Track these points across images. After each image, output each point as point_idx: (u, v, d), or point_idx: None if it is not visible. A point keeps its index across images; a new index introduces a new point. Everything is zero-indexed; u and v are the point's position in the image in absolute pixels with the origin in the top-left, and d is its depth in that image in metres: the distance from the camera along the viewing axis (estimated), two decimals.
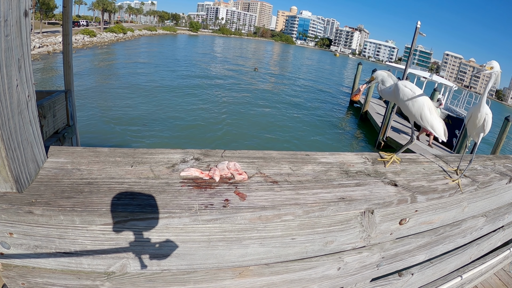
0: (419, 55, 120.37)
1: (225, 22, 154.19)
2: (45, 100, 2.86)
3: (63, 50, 3.31)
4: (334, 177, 1.07)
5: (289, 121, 13.67)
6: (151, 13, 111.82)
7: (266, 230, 0.86)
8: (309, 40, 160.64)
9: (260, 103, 16.09)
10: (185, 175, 0.92)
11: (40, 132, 0.84)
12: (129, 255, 0.79)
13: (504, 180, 1.40)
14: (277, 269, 0.96)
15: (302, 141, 11.40)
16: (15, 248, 0.75)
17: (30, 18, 0.77)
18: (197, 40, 73.67)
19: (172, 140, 9.53)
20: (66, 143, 3.21)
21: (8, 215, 0.70)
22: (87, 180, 0.84)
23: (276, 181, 0.97)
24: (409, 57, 9.98)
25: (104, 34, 42.52)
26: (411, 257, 1.27)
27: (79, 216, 0.71)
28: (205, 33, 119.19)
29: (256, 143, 10.35)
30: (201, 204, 0.79)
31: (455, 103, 14.37)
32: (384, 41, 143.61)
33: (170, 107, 12.95)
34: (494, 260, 1.86)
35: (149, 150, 1.06)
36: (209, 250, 0.84)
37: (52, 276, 0.80)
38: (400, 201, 1.02)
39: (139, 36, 57.88)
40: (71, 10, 3.25)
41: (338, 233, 0.98)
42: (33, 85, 0.81)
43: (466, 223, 1.41)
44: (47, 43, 27.19)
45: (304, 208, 0.86)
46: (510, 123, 9.91)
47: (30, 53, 0.78)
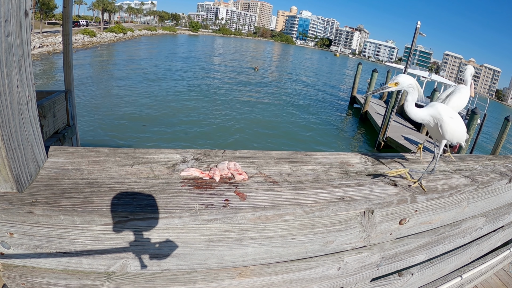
0: (419, 55, 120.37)
1: (225, 22, 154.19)
2: (45, 100, 2.86)
3: (63, 50, 3.30)
4: (334, 177, 1.07)
5: (289, 121, 13.68)
6: (151, 13, 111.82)
7: (266, 230, 0.86)
8: (309, 40, 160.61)
9: (261, 102, 16.10)
10: (185, 175, 0.92)
11: (40, 132, 0.84)
12: (129, 255, 0.79)
13: (504, 180, 1.40)
14: (277, 269, 0.96)
15: (302, 141, 11.40)
16: (15, 248, 0.75)
17: (30, 18, 0.77)
18: (197, 40, 73.68)
19: (172, 140, 9.54)
20: (66, 143, 3.21)
21: (9, 215, 0.70)
22: (88, 180, 0.84)
23: (276, 181, 0.97)
24: (409, 57, 9.99)
25: (104, 34, 42.52)
26: (411, 257, 1.27)
27: (80, 216, 0.71)
28: (205, 33, 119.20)
29: (256, 143, 10.35)
30: (201, 204, 0.79)
31: None
32: (384, 41, 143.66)
33: (170, 107, 12.95)
34: (494, 260, 1.86)
35: (149, 150, 1.06)
36: (209, 250, 0.84)
37: (52, 276, 0.80)
38: (400, 201, 1.02)
39: (139, 36, 57.89)
40: (71, 10, 3.25)
41: (338, 233, 0.98)
42: (33, 85, 0.81)
43: (466, 223, 1.41)
44: (47, 43, 27.19)
45: (304, 208, 0.86)
46: (510, 123, 9.91)
47: (30, 53, 0.79)
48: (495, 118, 27.44)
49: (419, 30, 9.78)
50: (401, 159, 1.38)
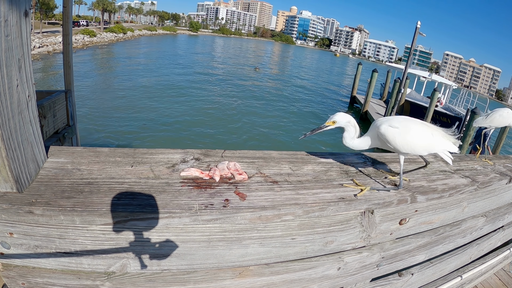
0: (419, 55, 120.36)
1: (225, 22, 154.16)
2: (45, 100, 2.86)
3: (63, 50, 3.30)
4: (334, 177, 1.07)
5: (289, 120, 13.68)
6: (151, 13, 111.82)
7: (266, 230, 0.86)
8: (309, 40, 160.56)
9: (261, 102, 16.10)
10: (185, 175, 0.92)
11: (40, 132, 0.84)
12: (129, 255, 0.79)
13: (504, 180, 1.40)
14: (277, 269, 0.96)
15: (302, 141, 11.39)
16: (15, 248, 0.75)
17: (30, 18, 0.77)
18: (197, 40, 73.70)
19: (172, 140, 9.54)
20: (66, 143, 3.22)
21: (9, 215, 0.70)
22: (87, 180, 0.84)
23: (276, 181, 0.97)
24: (409, 57, 9.99)
25: (104, 34, 42.51)
26: (411, 257, 1.27)
27: (80, 216, 0.71)
28: (205, 33, 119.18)
29: (256, 143, 10.35)
30: (201, 204, 0.79)
31: (454, 102, 14.39)
32: (384, 41, 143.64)
33: (170, 107, 12.95)
34: (494, 260, 1.86)
35: (149, 150, 1.06)
36: (209, 250, 0.84)
37: (52, 276, 0.80)
38: (400, 201, 1.02)
39: (139, 36, 57.88)
40: (71, 10, 3.25)
41: (338, 233, 0.98)
42: (33, 85, 0.81)
43: (466, 223, 1.41)
44: (47, 43, 27.18)
45: (304, 208, 0.86)
46: None
47: (30, 53, 0.79)
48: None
49: (419, 30, 9.79)
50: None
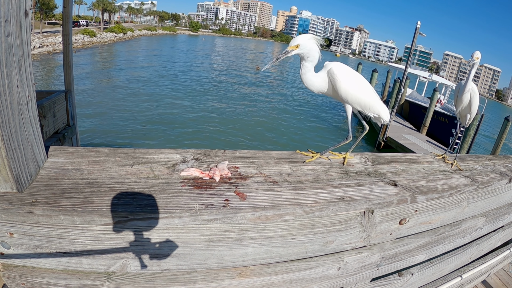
0: (419, 55, 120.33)
1: (225, 22, 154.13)
2: (45, 100, 2.87)
3: (63, 50, 3.31)
4: (334, 177, 1.07)
5: (289, 120, 13.68)
6: (151, 13, 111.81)
7: (266, 230, 0.86)
8: None
9: (261, 102, 16.10)
10: (185, 175, 0.92)
11: (40, 132, 0.84)
12: (129, 255, 0.79)
13: (504, 180, 1.40)
14: (277, 269, 0.96)
15: (302, 141, 11.40)
16: (15, 248, 0.75)
17: (30, 18, 0.77)
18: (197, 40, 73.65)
19: (172, 140, 9.54)
20: (66, 143, 3.22)
21: (9, 215, 0.70)
22: (87, 180, 0.84)
23: (276, 181, 0.97)
24: (409, 57, 9.99)
25: (104, 34, 42.52)
26: (411, 257, 1.27)
27: (80, 216, 0.71)
28: (205, 33, 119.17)
29: (256, 143, 10.35)
30: (201, 204, 0.79)
31: (453, 102, 14.39)
32: (384, 41, 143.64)
33: (170, 107, 12.95)
34: (494, 260, 1.86)
35: (149, 150, 1.06)
36: (209, 250, 0.84)
37: (52, 276, 0.80)
38: (400, 201, 1.02)
39: (139, 36, 57.89)
40: (71, 10, 3.25)
41: (338, 233, 0.98)
42: (33, 85, 0.81)
43: (466, 223, 1.41)
44: (47, 43, 27.19)
45: (304, 208, 0.86)
46: (510, 123, 9.92)
47: (30, 53, 0.78)
48: (495, 118, 27.42)
49: (419, 30, 9.79)
50: (401, 159, 1.37)
